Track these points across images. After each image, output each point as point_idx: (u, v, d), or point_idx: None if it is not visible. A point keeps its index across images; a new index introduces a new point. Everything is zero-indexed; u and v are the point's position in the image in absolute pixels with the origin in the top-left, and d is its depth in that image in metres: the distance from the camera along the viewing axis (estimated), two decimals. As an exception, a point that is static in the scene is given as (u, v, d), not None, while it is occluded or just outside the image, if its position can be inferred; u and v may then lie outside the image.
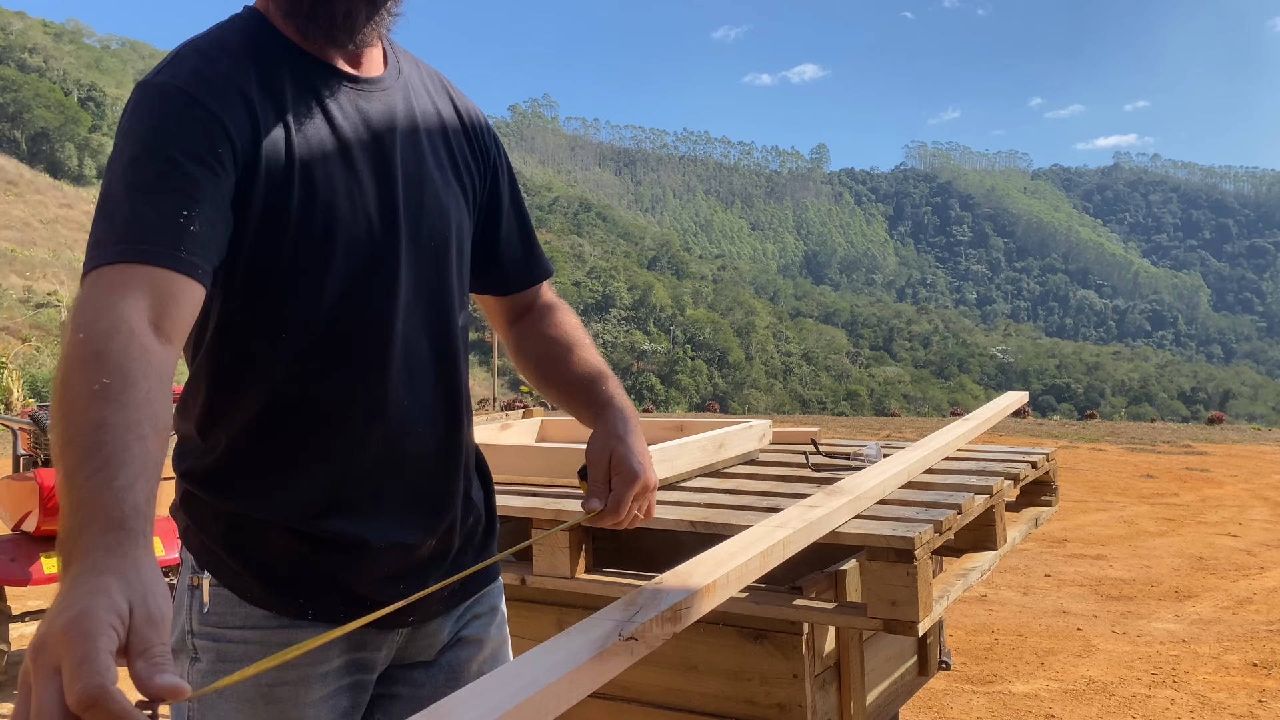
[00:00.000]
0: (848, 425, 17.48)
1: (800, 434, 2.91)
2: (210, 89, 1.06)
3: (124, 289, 0.92)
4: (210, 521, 1.16)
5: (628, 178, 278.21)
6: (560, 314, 1.41)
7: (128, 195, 0.99)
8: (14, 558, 3.71)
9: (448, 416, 1.24)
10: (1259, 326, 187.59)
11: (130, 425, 0.81)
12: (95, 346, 0.86)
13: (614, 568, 2.11)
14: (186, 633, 1.16)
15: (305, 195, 1.11)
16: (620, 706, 1.97)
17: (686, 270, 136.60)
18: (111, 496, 0.76)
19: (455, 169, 1.28)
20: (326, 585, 1.15)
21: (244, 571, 1.14)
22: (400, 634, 1.23)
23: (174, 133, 1.02)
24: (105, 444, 0.79)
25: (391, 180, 1.18)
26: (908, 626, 1.70)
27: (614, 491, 1.19)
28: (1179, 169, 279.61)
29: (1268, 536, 6.88)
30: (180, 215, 0.98)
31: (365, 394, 1.16)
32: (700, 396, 76.01)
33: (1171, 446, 12.86)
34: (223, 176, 1.04)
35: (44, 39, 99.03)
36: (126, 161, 1.01)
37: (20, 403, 15.43)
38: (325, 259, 1.13)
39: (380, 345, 1.16)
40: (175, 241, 0.97)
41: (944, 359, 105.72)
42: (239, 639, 1.14)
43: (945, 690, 3.82)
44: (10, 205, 59.51)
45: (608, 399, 1.29)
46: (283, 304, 1.12)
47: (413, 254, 1.19)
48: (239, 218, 1.07)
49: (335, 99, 1.16)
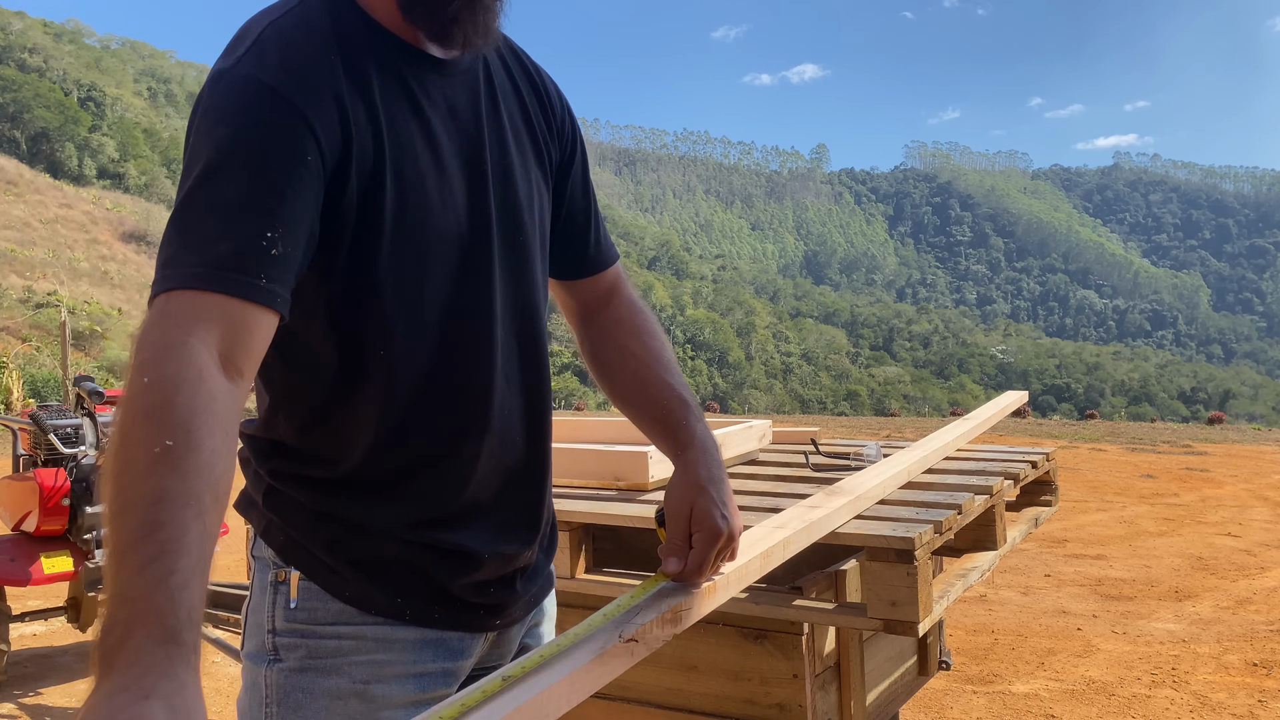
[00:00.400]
0: (848, 425, 17.48)
1: (800, 434, 2.90)
2: (298, 84, 0.96)
3: (194, 322, 0.85)
4: (304, 520, 1.10)
5: (628, 178, 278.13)
6: (640, 319, 1.32)
7: (206, 211, 0.91)
8: (14, 558, 3.71)
9: (539, 423, 1.19)
10: (1259, 326, 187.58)
11: (190, 499, 0.75)
12: (160, 396, 0.79)
13: (614, 568, 2.10)
14: (267, 633, 1.09)
15: (398, 200, 1.03)
16: (620, 706, 1.97)
17: (686, 270, 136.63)
18: (166, 596, 0.70)
19: (537, 152, 1.21)
20: (427, 587, 1.10)
21: (342, 568, 1.08)
22: (488, 639, 1.18)
23: (258, 139, 0.93)
24: (163, 525, 0.73)
25: (482, 178, 1.11)
26: (908, 627, 1.70)
27: (695, 551, 1.11)
28: (1179, 169, 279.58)
29: (1268, 536, 6.87)
30: (264, 238, 0.90)
31: (472, 403, 1.10)
32: (700, 396, 76.00)
33: (1171, 446, 12.85)
34: (310, 187, 0.95)
35: (44, 39, 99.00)
36: (205, 170, 0.92)
37: (20, 403, 15.42)
38: (424, 266, 1.05)
39: (483, 352, 1.11)
40: (256, 268, 0.89)
41: (944, 359, 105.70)
42: (332, 635, 1.08)
43: (945, 690, 3.82)
44: (10, 205, 59.51)
45: (689, 437, 1.20)
46: (384, 313, 1.04)
47: (504, 255, 1.13)
48: (330, 226, 0.99)
49: (424, 88, 1.08)
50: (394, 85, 1.05)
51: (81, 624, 3.96)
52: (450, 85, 1.11)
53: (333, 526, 1.08)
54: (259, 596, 1.11)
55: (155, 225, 64.10)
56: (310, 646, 1.07)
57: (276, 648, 1.08)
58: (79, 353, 33.29)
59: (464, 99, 1.12)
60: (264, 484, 1.11)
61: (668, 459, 1.22)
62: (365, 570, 1.08)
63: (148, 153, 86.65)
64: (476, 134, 1.12)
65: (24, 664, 4.19)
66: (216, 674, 4.08)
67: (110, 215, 66.80)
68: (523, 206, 1.16)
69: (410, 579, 1.09)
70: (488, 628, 1.16)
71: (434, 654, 1.11)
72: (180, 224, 0.91)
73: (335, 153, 0.98)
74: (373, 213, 1.01)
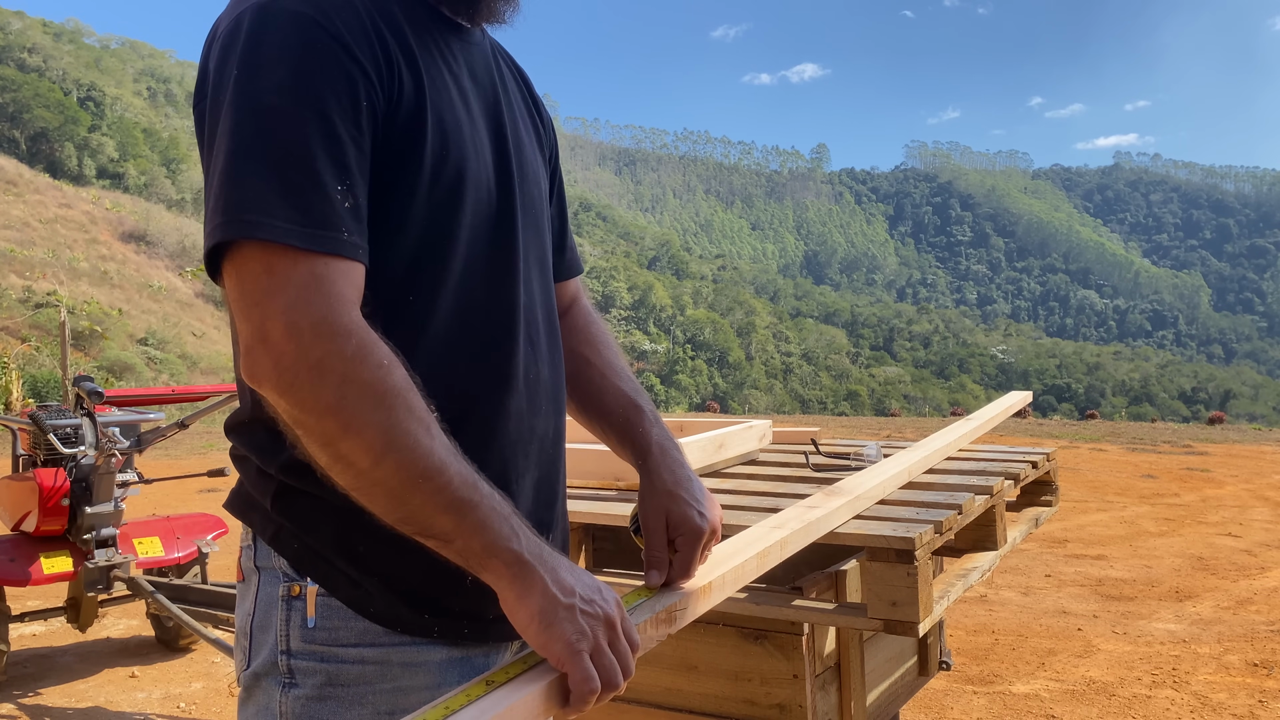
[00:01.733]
0: (848, 425, 17.47)
1: (800, 434, 2.90)
2: (347, 23, 0.93)
3: (336, 291, 0.87)
4: (329, 525, 0.99)
5: (628, 177, 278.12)
6: (596, 329, 1.31)
7: (282, 158, 0.87)
8: (14, 558, 3.71)
9: (559, 395, 1.16)
10: (1259, 326, 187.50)
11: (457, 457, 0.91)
12: (383, 385, 0.86)
13: (614, 568, 2.10)
14: (281, 653, 0.99)
15: (439, 149, 0.99)
16: (620, 707, 1.97)
17: (686, 270, 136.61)
18: (512, 527, 0.91)
19: (537, 138, 1.21)
20: (459, 599, 1.02)
21: (368, 581, 0.99)
22: (513, 649, 1.12)
23: (320, 81, 0.89)
24: (477, 484, 0.91)
25: (503, 138, 1.09)
26: (908, 627, 1.69)
27: (680, 555, 1.11)
28: (1179, 169, 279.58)
29: (1268, 537, 6.87)
30: (339, 189, 0.89)
31: (499, 366, 1.06)
32: (700, 396, 76.00)
33: (1172, 447, 12.85)
34: (366, 134, 0.93)
35: (43, 39, 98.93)
36: (270, 112, 0.88)
37: (20, 403, 15.42)
38: (456, 219, 1.02)
39: (507, 315, 1.07)
40: (340, 222, 0.88)
41: (944, 359, 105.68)
42: (355, 658, 0.99)
43: (946, 690, 3.81)
44: (10, 205, 59.48)
45: (647, 442, 1.19)
46: (414, 267, 1.00)
47: (524, 219, 1.10)
48: (375, 175, 0.96)
49: (448, 45, 1.06)
50: (424, 35, 1.03)
51: (81, 624, 3.96)
52: (467, 51, 1.10)
53: (364, 529, 0.97)
54: (266, 611, 1.01)
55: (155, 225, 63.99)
56: (330, 672, 0.99)
57: (292, 670, 0.99)
58: (78, 353, 33.28)
59: (481, 66, 1.12)
60: (274, 483, 1.02)
61: None
62: (395, 583, 1.00)
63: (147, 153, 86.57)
64: (495, 101, 1.11)
65: (24, 664, 4.18)
66: (216, 674, 4.08)
67: (110, 215, 66.77)
68: (536, 179, 1.15)
69: (443, 588, 1.01)
70: (513, 635, 1.07)
71: (460, 674, 1.04)
72: (251, 162, 0.87)
73: (385, 99, 0.95)
74: (413, 155, 0.98)
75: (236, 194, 0.86)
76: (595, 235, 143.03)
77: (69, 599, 4.00)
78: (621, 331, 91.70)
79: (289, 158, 0.87)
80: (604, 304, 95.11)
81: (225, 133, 0.89)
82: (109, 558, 3.74)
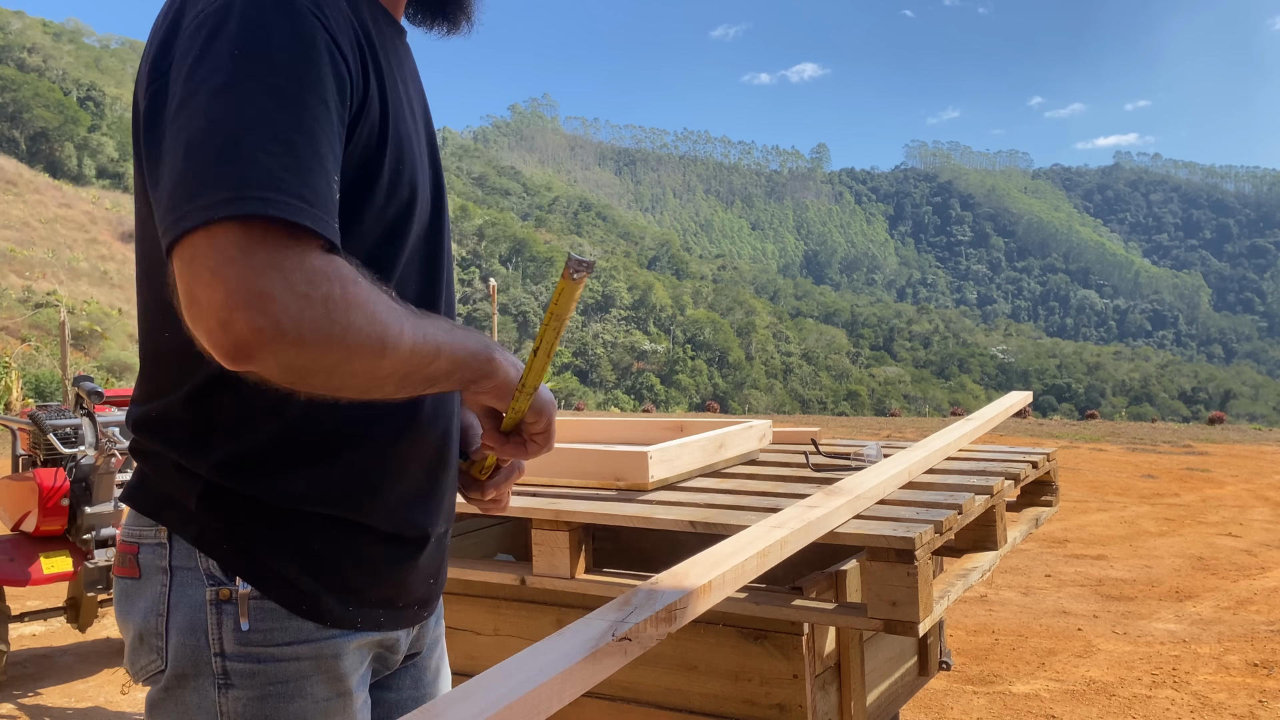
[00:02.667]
0: (848, 425, 17.48)
1: (800, 434, 2.90)
2: (332, 12, 0.91)
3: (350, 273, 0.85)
4: (255, 523, 0.99)
5: (628, 177, 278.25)
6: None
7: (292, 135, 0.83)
8: (13, 558, 3.70)
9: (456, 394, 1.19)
10: (1260, 326, 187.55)
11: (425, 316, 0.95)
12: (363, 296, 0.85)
13: (613, 568, 2.10)
14: (214, 655, 0.99)
15: (394, 163, 0.98)
16: (620, 707, 1.97)
17: (686, 270, 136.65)
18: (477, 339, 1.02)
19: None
20: (378, 590, 1.07)
21: (301, 579, 1.00)
22: (412, 631, 1.18)
23: (313, 67, 0.87)
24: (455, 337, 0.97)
25: (434, 146, 1.10)
26: (908, 627, 1.69)
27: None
28: (1180, 168, 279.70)
29: (1268, 537, 6.87)
30: (335, 179, 0.87)
31: None
32: (700, 396, 76.02)
33: (1172, 447, 12.85)
34: (342, 131, 0.90)
35: (43, 38, 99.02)
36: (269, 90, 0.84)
37: (20, 403, 15.44)
38: (405, 230, 1.02)
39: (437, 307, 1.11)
40: (334, 210, 0.86)
41: (944, 359, 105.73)
42: (290, 656, 1.00)
43: (946, 690, 3.81)
44: (10, 205, 59.53)
45: None
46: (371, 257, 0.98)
47: (446, 224, 1.13)
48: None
49: (395, 49, 1.05)
50: (383, 39, 1.02)
51: (80, 624, 3.95)
52: (406, 53, 1.11)
53: (296, 528, 0.99)
54: (191, 614, 0.99)
55: (155, 225, 64.00)
56: (269, 673, 0.99)
57: (228, 672, 0.99)
58: (78, 353, 33.31)
59: (411, 69, 1.12)
60: (199, 483, 0.99)
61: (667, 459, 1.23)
62: (326, 579, 1.02)
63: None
64: (425, 106, 1.13)
65: (23, 664, 4.18)
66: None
67: (110, 215, 66.82)
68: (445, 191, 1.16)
69: (366, 580, 1.06)
70: (418, 620, 1.16)
71: (375, 660, 1.12)
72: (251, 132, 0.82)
73: (356, 100, 0.93)
74: (371, 172, 0.97)
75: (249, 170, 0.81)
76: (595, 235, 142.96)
77: (69, 599, 4.00)
78: (621, 331, 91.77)
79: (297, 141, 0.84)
80: (604, 304, 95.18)
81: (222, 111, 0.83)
82: (109, 558, 3.74)
